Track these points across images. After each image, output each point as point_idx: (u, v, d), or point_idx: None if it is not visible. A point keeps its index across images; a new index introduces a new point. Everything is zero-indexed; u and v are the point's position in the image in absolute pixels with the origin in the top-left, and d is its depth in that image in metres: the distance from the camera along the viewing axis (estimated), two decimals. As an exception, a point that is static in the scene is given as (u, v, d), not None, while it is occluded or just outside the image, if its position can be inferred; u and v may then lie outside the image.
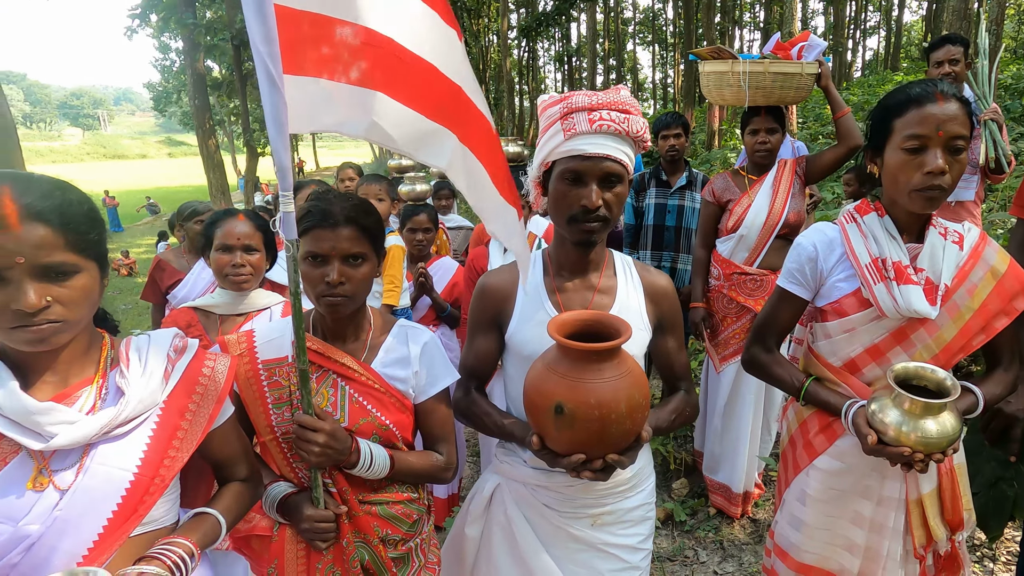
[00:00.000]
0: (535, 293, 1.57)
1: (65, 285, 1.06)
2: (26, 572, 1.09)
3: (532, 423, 1.37)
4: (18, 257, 1.00)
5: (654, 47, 35.86)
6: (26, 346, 1.07)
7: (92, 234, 1.10)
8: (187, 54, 15.91)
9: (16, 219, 1.01)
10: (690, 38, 15.94)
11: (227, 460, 1.38)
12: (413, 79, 1.36)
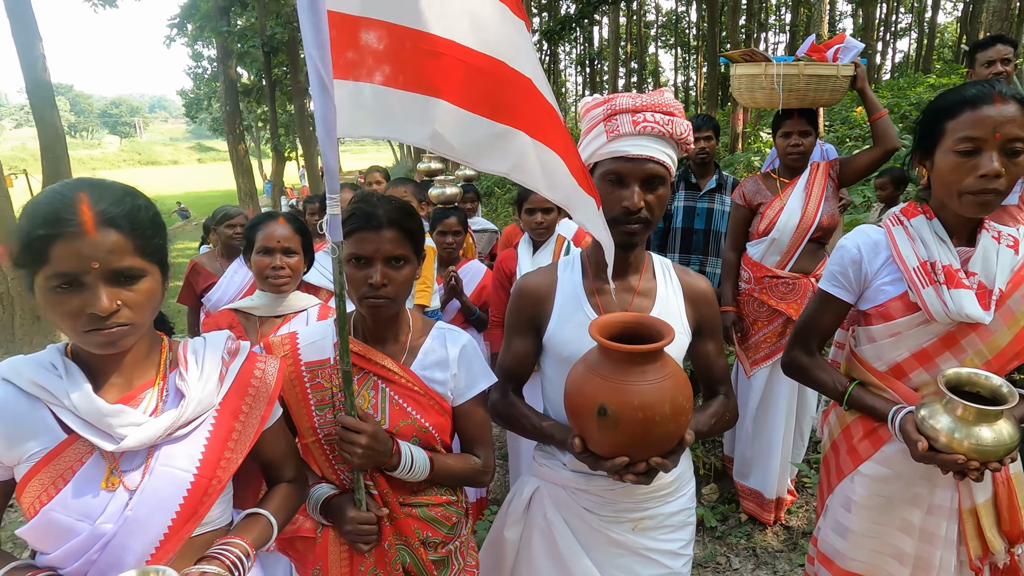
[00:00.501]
0: (573, 295, 1.57)
1: (133, 289, 1.09)
2: (103, 569, 1.12)
3: (573, 425, 1.37)
4: (93, 262, 1.04)
5: (676, 50, 35.57)
6: (98, 349, 1.10)
7: (157, 239, 1.14)
8: (220, 61, 16.27)
9: (92, 225, 1.04)
10: (714, 41, 15.80)
11: (275, 461, 1.40)
12: (478, 81, 1.35)
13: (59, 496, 1.11)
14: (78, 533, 1.12)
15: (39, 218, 1.04)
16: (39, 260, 1.03)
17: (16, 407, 1.12)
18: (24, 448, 1.12)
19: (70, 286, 1.04)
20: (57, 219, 1.03)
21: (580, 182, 1.45)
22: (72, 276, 1.04)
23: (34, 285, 1.07)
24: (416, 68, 1.31)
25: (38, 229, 1.03)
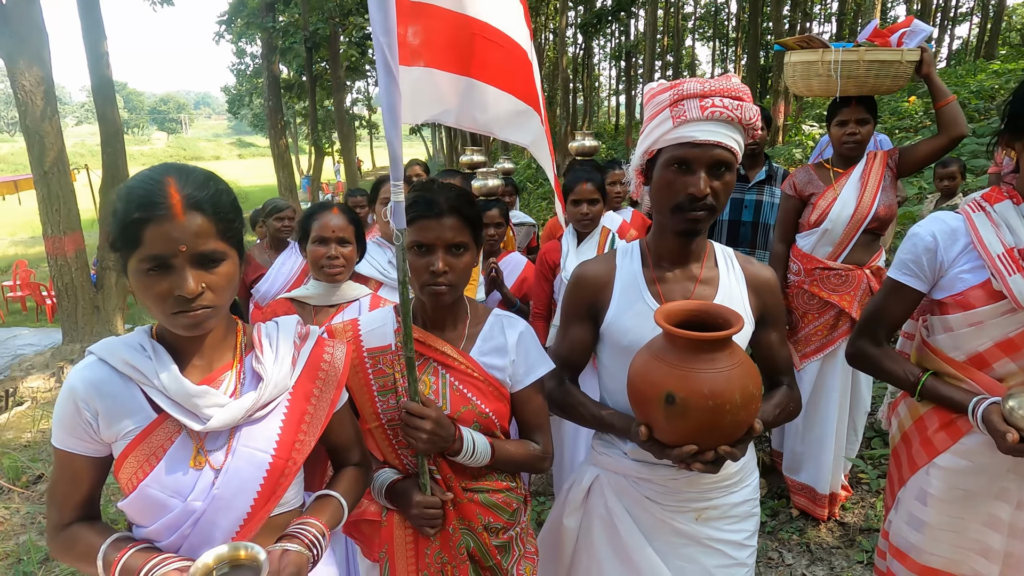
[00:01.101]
0: (633, 283, 1.56)
1: (215, 272, 1.12)
2: (195, 544, 1.17)
3: (638, 413, 1.37)
4: (181, 245, 1.07)
5: (715, 42, 34.87)
6: (184, 331, 1.14)
7: (236, 223, 1.17)
8: (264, 57, 16.63)
9: (180, 209, 1.07)
10: (755, 32, 15.43)
11: (343, 445, 1.43)
12: (508, 62, 1.39)
13: (153, 473, 1.16)
14: (171, 509, 1.17)
15: (134, 202, 1.07)
16: (133, 243, 1.07)
17: (112, 386, 1.17)
18: (121, 426, 1.17)
19: (159, 269, 1.08)
20: (150, 203, 1.06)
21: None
22: (162, 259, 1.07)
23: (128, 268, 1.11)
24: (459, 50, 1.35)
25: (133, 213, 1.06)
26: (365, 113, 33.25)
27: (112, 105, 8.75)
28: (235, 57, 30.40)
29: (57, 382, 7.20)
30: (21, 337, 10.59)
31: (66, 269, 7.97)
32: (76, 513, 1.24)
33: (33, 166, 7.68)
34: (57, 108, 7.78)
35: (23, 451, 4.65)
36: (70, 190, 7.96)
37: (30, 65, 7.30)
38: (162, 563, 1.11)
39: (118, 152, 8.74)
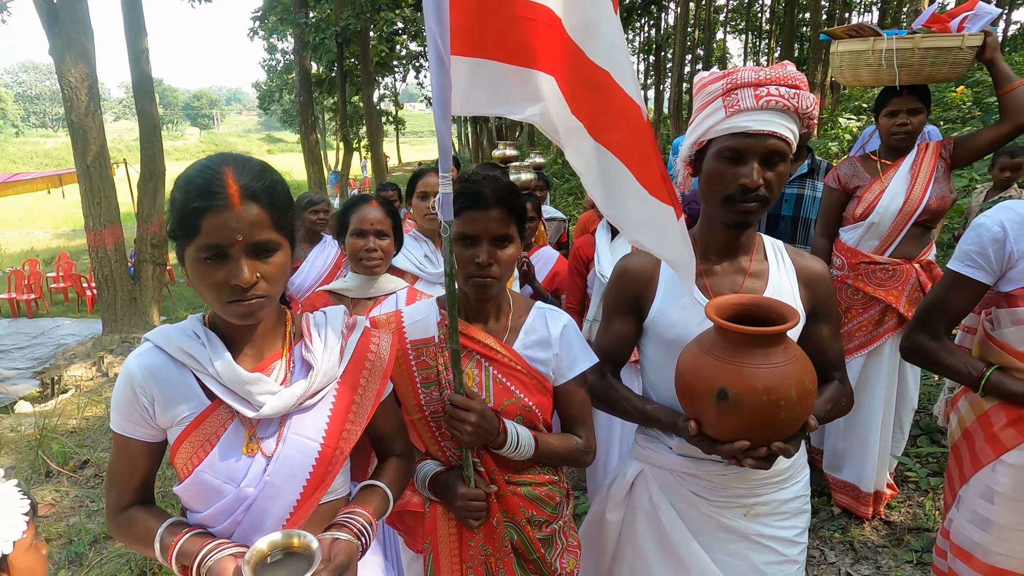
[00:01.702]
0: (678, 277, 1.54)
1: (269, 262, 1.13)
2: (247, 530, 1.19)
3: (687, 408, 1.35)
4: (238, 235, 1.08)
5: (747, 35, 34.18)
6: (238, 319, 1.15)
7: (289, 213, 1.17)
8: (296, 52, 16.82)
9: (238, 199, 1.08)
10: (791, 23, 15.06)
11: (387, 435, 1.44)
12: (567, 64, 1.34)
13: (208, 459, 1.18)
14: (225, 495, 1.18)
15: (193, 191, 1.08)
16: (192, 232, 1.08)
17: (167, 373, 1.19)
18: (176, 412, 1.19)
19: (216, 258, 1.09)
20: (208, 192, 1.07)
21: (655, 190, 1.36)
22: (219, 248, 1.08)
23: (184, 256, 1.13)
24: (527, 41, 1.30)
25: (192, 202, 1.07)
26: (392, 109, 33.40)
27: (151, 101, 8.95)
28: (266, 53, 30.84)
29: (98, 371, 7.40)
30: (64, 327, 10.92)
31: (106, 261, 8.19)
32: (133, 496, 1.27)
33: (76, 160, 7.90)
34: (100, 104, 7.98)
35: (70, 437, 4.80)
36: (110, 184, 8.16)
37: (76, 62, 7.50)
38: (217, 548, 1.13)
39: (155, 147, 8.93)
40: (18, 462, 4.45)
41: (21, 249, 19.76)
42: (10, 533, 1.13)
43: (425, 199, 3.12)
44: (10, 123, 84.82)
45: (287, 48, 28.32)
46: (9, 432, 5.03)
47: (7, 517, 1.13)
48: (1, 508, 1.13)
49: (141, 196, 8.90)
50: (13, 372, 8.55)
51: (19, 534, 1.15)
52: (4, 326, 11.10)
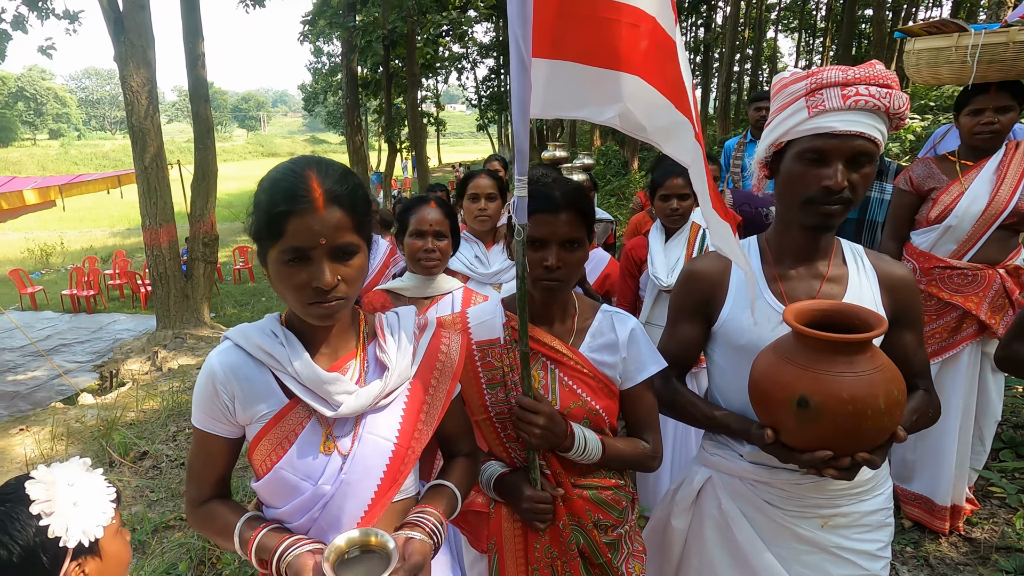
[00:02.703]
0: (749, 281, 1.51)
1: (349, 264, 1.14)
2: (323, 527, 1.21)
3: (762, 415, 1.32)
4: (321, 238, 1.09)
5: (800, 34, 33.28)
6: (317, 320, 1.17)
7: (368, 216, 1.18)
8: (343, 55, 17.11)
9: (322, 203, 1.09)
10: (851, 20, 14.44)
11: (454, 435, 1.44)
12: (666, 62, 1.32)
13: (286, 456, 1.20)
14: (303, 492, 1.20)
15: (279, 194, 1.10)
16: (276, 234, 1.10)
17: (247, 371, 1.22)
18: (255, 409, 1.21)
19: (299, 260, 1.11)
20: (294, 196, 1.09)
21: (715, 204, 1.40)
22: (302, 251, 1.10)
23: (267, 258, 1.14)
24: (605, 43, 1.28)
25: (278, 205, 1.09)
26: (433, 110, 33.76)
27: (205, 104, 9.22)
28: (312, 56, 31.52)
29: (153, 366, 7.65)
30: (119, 322, 11.36)
31: (160, 259, 8.47)
32: (212, 490, 1.30)
33: (135, 161, 8.19)
34: (158, 107, 8.27)
35: (129, 428, 4.97)
36: (166, 184, 8.44)
37: (138, 67, 7.80)
38: (296, 544, 1.15)
39: (208, 148, 9.20)
40: (84, 451, 4.64)
41: (81, 247, 20.63)
42: (101, 519, 1.17)
43: (476, 200, 3.13)
44: (73, 127, 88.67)
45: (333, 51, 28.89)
46: (75, 423, 5.24)
47: (98, 504, 1.17)
48: (91, 496, 1.17)
49: (194, 196, 9.17)
50: (74, 365, 8.93)
51: (108, 520, 1.18)
52: (65, 321, 11.60)
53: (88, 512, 1.16)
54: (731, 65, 18.75)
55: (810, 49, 33.62)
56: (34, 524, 1.10)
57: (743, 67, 25.23)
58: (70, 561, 1.12)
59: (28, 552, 1.08)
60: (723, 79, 17.94)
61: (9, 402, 7.46)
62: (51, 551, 1.11)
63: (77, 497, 1.15)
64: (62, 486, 1.14)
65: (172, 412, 5.29)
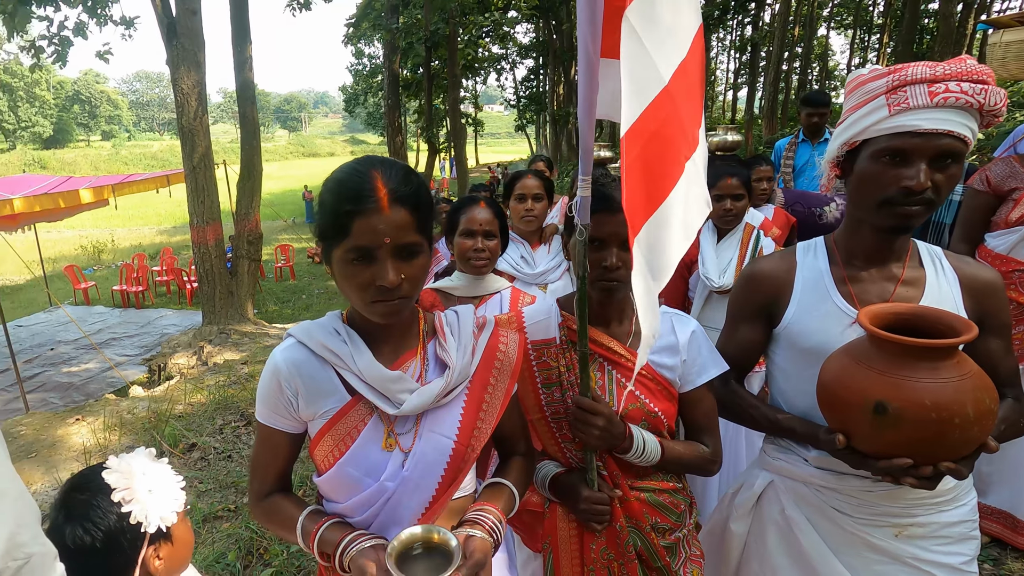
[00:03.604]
0: (818, 283, 1.47)
1: (412, 264, 1.14)
2: (384, 523, 1.22)
3: (832, 420, 1.28)
4: (386, 237, 1.10)
5: (855, 31, 32.25)
6: (381, 319, 1.18)
7: (430, 216, 1.18)
8: (385, 56, 17.32)
9: (387, 203, 1.10)
10: (914, 14, 13.64)
11: (510, 434, 1.43)
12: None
13: (349, 452, 1.21)
14: (365, 488, 1.21)
15: (345, 194, 1.11)
16: (342, 233, 1.11)
17: (310, 368, 1.23)
18: (318, 406, 1.22)
19: (363, 259, 1.11)
20: (359, 196, 1.09)
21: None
22: (367, 250, 1.10)
23: (331, 256, 1.15)
24: None
25: (344, 205, 1.10)
26: (471, 111, 33.95)
27: (252, 105, 9.44)
28: (354, 58, 32.00)
29: (199, 360, 7.85)
30: (166, 318, 11.68)
31: (207, 256, 8.68)
32: (275, 484, 1.32)
33: (184, 161, 8.43)
34: (207, 108, 8.49)
35: (178, 421, 5.11)
36: (213, 184, 8.66)
37: (189, 71, 8.03)
38: (358, 539, 1.16)
39: (254, 149, 9.41)
40: (135, 442, 4.78)
41: (130, 244, 21.34)
42: (175, 505, 1.20)
43: (523, 201, 3.13)
44: (124, 128, 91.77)
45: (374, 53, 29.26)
46: (127, 414, 5.41)
47: (170, 491, 1.20)
48: (164, 483, 1.20)
49: (239, 195, 9.39)
50: (124, 358, 9.22)
51: (181, 506, 1.22)
52: (116, 316, 11.98)
53: (163, 499, 1.19)
54: (779, 63, 18.24)
55: (864, 46, 32.51)
56: (115, 511, 1.13)
57: (791, 66, 24.61)
58: (147, 545, 1.16)
59: (110, 538, 1.12)
60: (771, 78, 17.46)
61: (64, 393, 7.74)
62: (130, 536, 1.14)
63: (151, 485, 1.18)
64: (138, 475, 1.18)
65: (219, 406, 5.41)
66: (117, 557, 1.13)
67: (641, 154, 1.24)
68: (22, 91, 63.45)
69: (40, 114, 66.04)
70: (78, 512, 1.12)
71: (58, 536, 1.11)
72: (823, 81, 31.89)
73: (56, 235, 22.79)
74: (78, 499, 1.13)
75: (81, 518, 1.11)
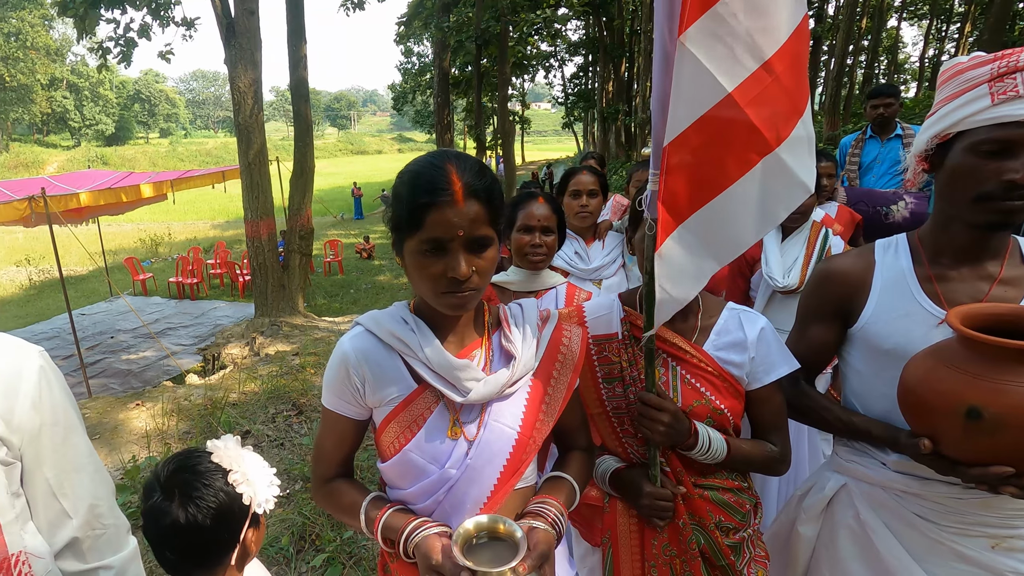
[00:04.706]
0: (899, 282, 1.41)
1: (482, 256, 1.14)
2: (447, 510, 1.22)
3: (916, 425, 1.23)
4: (459, 230, 1.10)
5: (931, 20, 30.55)
6: (450, 310, 1.18)
7: (501, 210, 1.18)
8: (436, 55, 17.50)
9: (461, 196, 1.10)
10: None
11: (572, 428, 1.42)
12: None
13: (415, 439, 1.22)
14: (429, 475, 1.22)
15: (420, 187, 1.11)
16: (416, 225, 1.11)
17: (378, 356, 1.24)
18: (384, 393, 1.23)
19: (436, 251, 1.12)
20: (434, 189, 1.10)
21: None
22: (440, 242, 1.11)
23: (403, 248, 1.16)
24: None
25: (419, 197, 1.10)
26: (518, 108, 34.00)
27: (306, 103, 9.64)
28: (403, 56, 32.40)
29: (251, 351, 8.06)
30: (219, 309, 12.05)
31: (260, 250, 8.91)
32: (338, 469, 1.34)
33: (240, 157, 8.66)
34: (263, 106, 8.71)
35: (232, 408, 5.25)
36: (267, 179, 8.88)
37: (246, 69, 8.26)
38: (423, 526, 1.16)
39: (308, 146, 9.61)
40: (192, 428, 4.94)
41: (185, 237, 22.10)
42: (272, 491, 1.23)
43: (577, 197, 3.10)
44: (180, 126, 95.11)
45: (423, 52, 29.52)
46: (183, 401, 5.59)
47: (267, 478, 1.23)
48: (260, 471, 1.23)
49: (292, 191, 9.60)
50: (179, 348, 9.54)
51: (278, 490, 1.24)
52: (172, 307, 12.42)
53: (265, 483, 1.22)
54: (843, 57, 17.50)
55: (942, 36, 30.76)
56: (225, 490, 1.17)
57: (856, 59, 23.63)
58: (249, 526, 1.19)
59: (220, 515, 1.16)
60: (835, 72, 16.73)
61: (123, 379, 8.06)
62: (237, 515, 1.18)
63: (253, 469, 1.21)
64: (244, 459, 1.21)
65: (271, 395, 5.54)
66: (224, 534, 1.17)
67: (688, 159, 1.28)
68: (87, 91, 66.37)
69: (103, 112, 68.95)
70: (189, 491, 1.15)
71: (165, 514, 1.14)
72: (891, 75, 30.58)
73: (116, 228, 23.78)
74: (187, 479, 1.17)
75: (195, 497, 1.15)
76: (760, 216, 1.33)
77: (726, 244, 1.35)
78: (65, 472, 1.19)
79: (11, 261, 18.87)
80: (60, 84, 62.67)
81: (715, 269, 1.37)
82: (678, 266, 1.34)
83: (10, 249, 20.58)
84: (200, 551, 1.17)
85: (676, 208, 1.32)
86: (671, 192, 1.30)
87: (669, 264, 1.34)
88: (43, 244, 16.94)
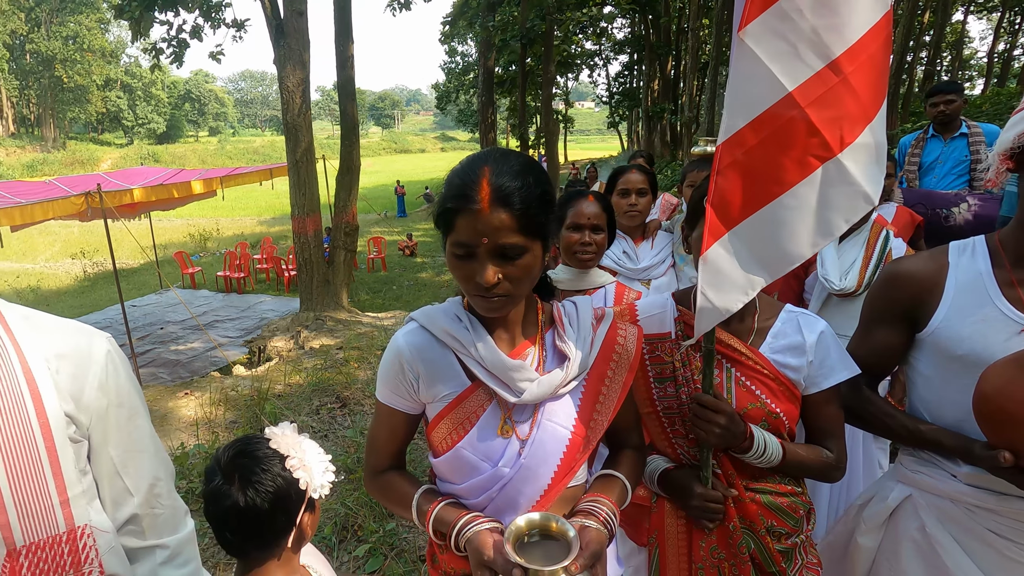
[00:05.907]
0: (976, 285, 1.34)
1: (515, 264, 1.12)
2: (500, 507, 1.22)
3: (994, 436, 1.18)
4: (483, 238, 1.09)
5: (1003, 13, 29.00)
6: (483, 312, 1.20)
7: (541, 216, 1.13)
8: (480, 54, 17.57)
9: (487, 204, 1.08)
10: None
11: (624, 427, 1.40)
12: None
13: (467, 437, 1.22)
14: (482, 472, 1.22)
15: (452, 191, 1.12)
16: (448, 228, 1.13)
17: (431, 352, 1.25)
18: (437, 389, 1.24)
19: (465, 255, 1.12)
20: (463, 195, 1.10)
21: None
22: (467, 247, 1.11)
23: (445, 246, 1.17)
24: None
25: (448, 202, 1.12)
26: (561, 107, 33.87)
27: (352, 102, 9.79)
28: (447, 56, 32.67)
29: (296, 344, 8.23)
30: (265, 303, 12.33)
31: (306, 246, 9.09)
32: (390, 461, 1.35)
33: (288, 155, 8.85)
34: (310, 105, 8.88)
35: (277, 399, 5.37)
36: (314, 177, 9.06)
37: (295, 69, 8.43)
38: (475, 521, 1.16)
39: (354, 144, 9.77)
40: (239, 417, 5.06)
41: (233, 233, 22.70)
42: (328, 477, 1.25)
43: (626, 196, 3.06)
44: (229, 124, 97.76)
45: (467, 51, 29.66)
46: (231, 391, 5.74)
47: (323, 465, 1.25)
48: (317, 458, 1.24)
49: (338, 188, 9.77)
50: (226, 340, 9.79)
51: (332, 477, 1.26)
52: (219, 300, 12.77)
53: (321, 469, 1.24)
54: (903, 53, 16.89)
55: (1015, 29, 29.10)
56: (284, 475, 1.19)
57: (917, 55, 22.77)
58: (305, 510, 1.21)
59: (279, 500, 1.18)
60: (894, 68, 16.14)
61: (172, 369, 8.32)
62: (295, 499, 1.20)
63: (307, 455, 1.23)
64: (301, 445, 1.23)
65: (315, 388, 5.65)
66: (281, 517, 1.19)
67: (742, 160, 1.25)
68: (140, 91, 68.78)
69: (155, 112, 71.33)
70: (249, 475, 1.18)
71: (225, 497, 1.17)
72: (955, 71, 29.34)
73: (166, 223, 24.57)
74: (246, 464, 1.19)
75: (255, 481, 1.17)
76: (817, 227, 1.26)
77: (778, 256, 1.29)
78: (128, 452, 1.22)
79: (67, 254, 19.72)
80: (114, 84, 65.08)
81: (764, 283, 1.31)
82: (724, 274, 1.30)
83: (66, 242, 21.51)
84: (258, 533, 1.19)
85: (726, 212, 1.28)
86: (721, 195, 1.26)
87: (714, 271, 1.30)
88: (97, 238, 17.64)
